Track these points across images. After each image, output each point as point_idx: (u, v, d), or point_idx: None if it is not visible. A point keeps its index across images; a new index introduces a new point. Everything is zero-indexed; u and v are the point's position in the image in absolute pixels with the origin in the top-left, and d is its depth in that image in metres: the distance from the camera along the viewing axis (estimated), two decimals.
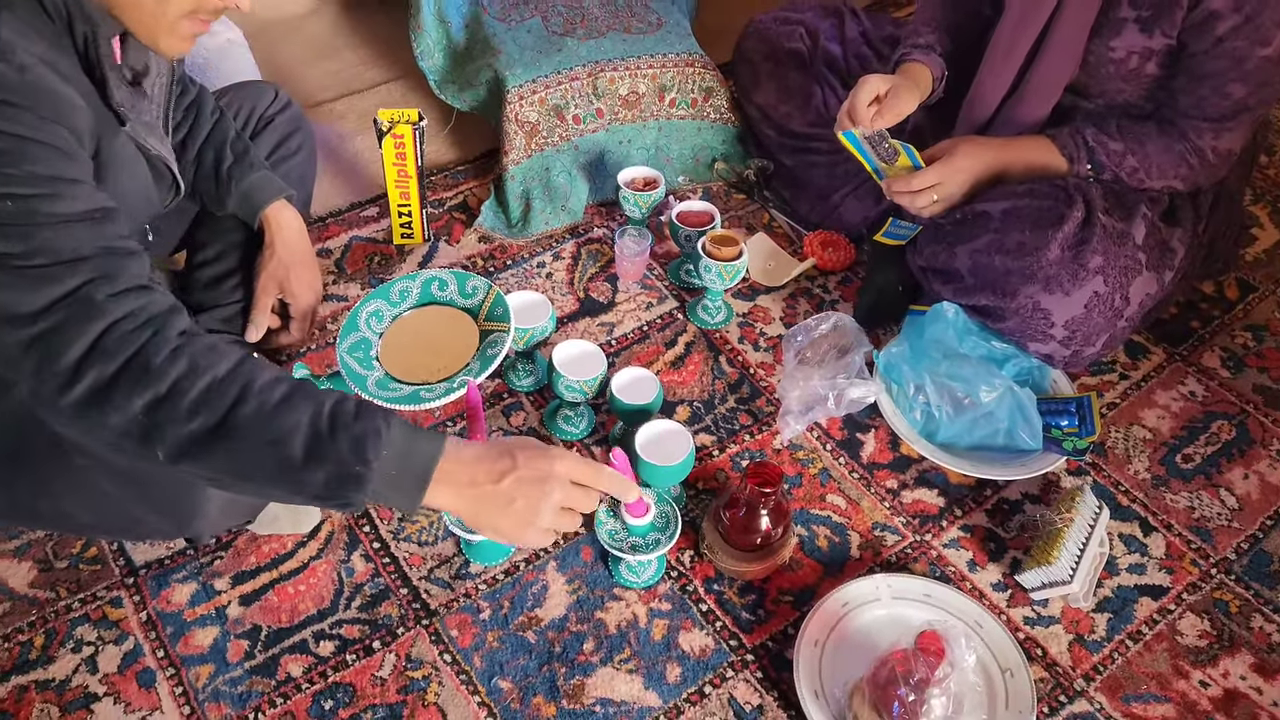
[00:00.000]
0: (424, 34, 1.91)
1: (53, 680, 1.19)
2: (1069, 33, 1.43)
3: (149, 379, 0.86)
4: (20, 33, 0.90)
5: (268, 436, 0.88)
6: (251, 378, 0.90)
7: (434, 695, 1.20)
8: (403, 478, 0.92)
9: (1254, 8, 1.31)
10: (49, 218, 0.86)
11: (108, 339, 0.86)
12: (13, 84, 0.86)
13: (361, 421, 0.90)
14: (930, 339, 1.45)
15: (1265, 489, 1.45)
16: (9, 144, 0.85)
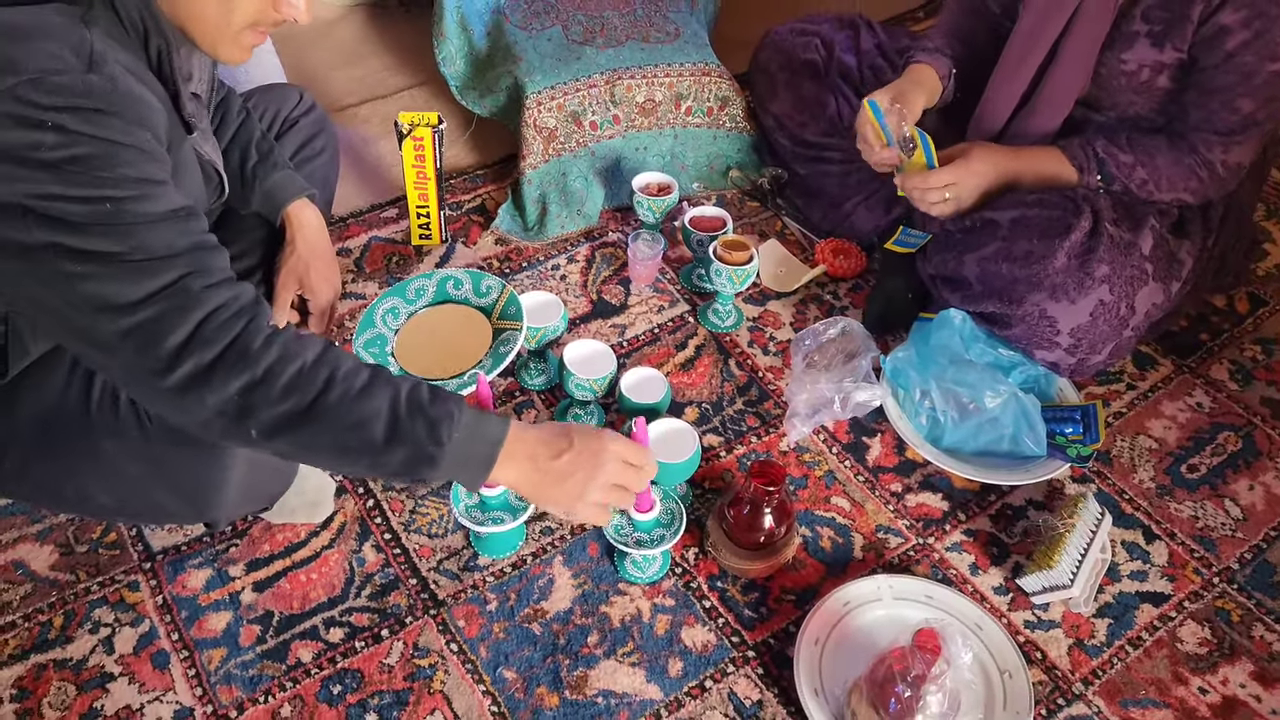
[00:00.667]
0: (446, 41, 1.95)
1: (70, 660, 1.23)
2: (1080, 46, 1.45)
3: (246, 364, 0.92)
4: (108, 45, 0.95)
5: (352, 419, 0.95)
6: (337, 364, 0.97)
7: (440, 683, 1.22)
8: (472, 456, 1.01)
9: (1263, 24, 1.33)
10: (142, 217, 0.90)
11: (207, 327, 0.92)
12: (105, 93, 0.90)
13: (436, 406, 0.98)
14: (937, 345, 1.46)
15: (1270, 500, 1.45)
16: (103, 149, 0.89)
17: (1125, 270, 1.39)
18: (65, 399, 1.12)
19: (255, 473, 1.21)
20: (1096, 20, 1.43)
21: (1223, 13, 1.34)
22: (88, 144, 0.87)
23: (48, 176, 0.86)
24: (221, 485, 1.17)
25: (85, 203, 0.87)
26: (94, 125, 0.88)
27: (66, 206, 0.87)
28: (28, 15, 0.90)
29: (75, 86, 0.88)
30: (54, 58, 0.88)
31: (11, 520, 1.35)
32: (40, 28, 0.90)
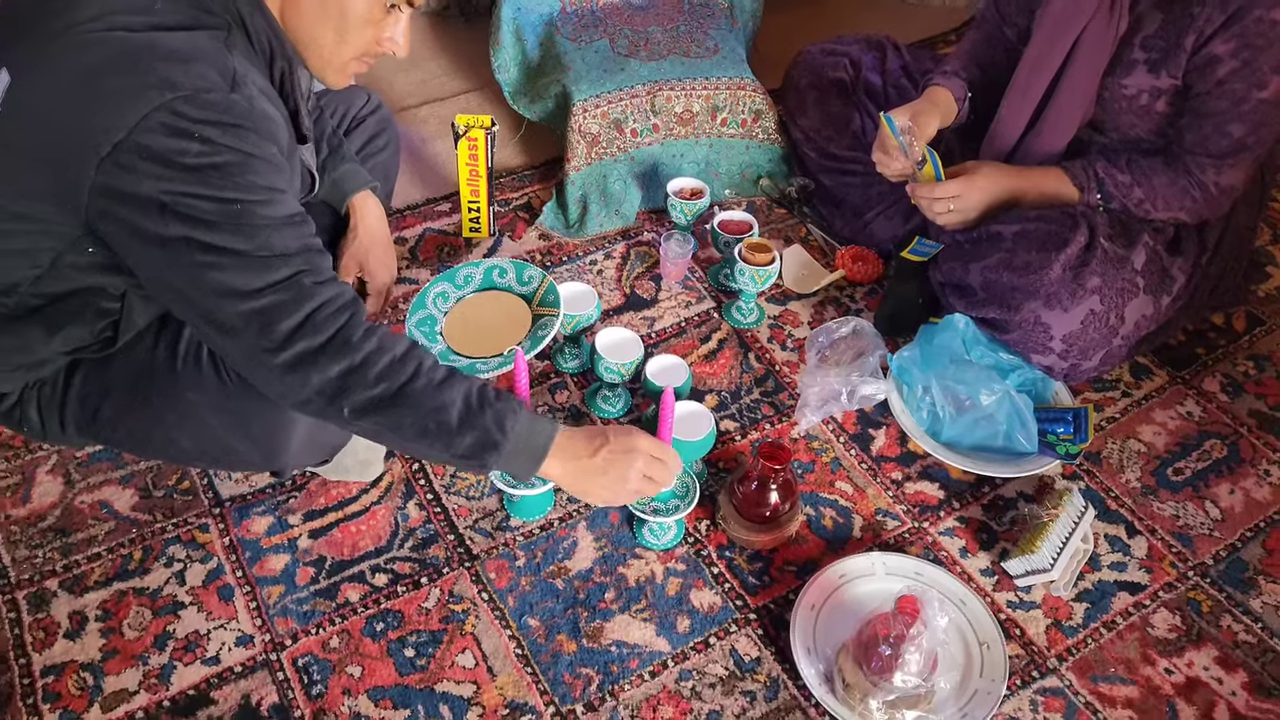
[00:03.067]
0: (502, 49, 2.10)
1: (147, 589, 1.39)
2: (1082, 74, 1.56)
3: (347, 351, 1.09)
4: (246, 67, 1.10)
5: (432, 405, 1.12)
6: (422, 359, 1.14)
7: (471, 626, 1.36)
8: (527, 449, 1.19)
9: (1250, 54, 1.43)
10: (266, 219, 1.06)
11: (317, 316, 1.08)
12: (244, 110, 1.05)
13: (501, 402, 1.17)
14: (940, 345, 1.58)
15: (1249, 504, 1.55)
16: (239, 159, 1.04)
17: (1116, 283, 1.50)
18: (154, 357, 1.28)
19: (320, 425, 1.35)
20: (1097, 48, 1.54)
21: (1213, 43, 1.45)
22: (227, 154, 1.02)
23: (189, 178, 1.01)
24: (289, 436, 1.31)
25: (219, 203, 1.02)
26: (233, 138, 1.03)
27: (202, 205, 1.02)
28: (183, 40, 1.05)
29: (221, 104, 1.03)
30: (204, 78, 1.03)
31: (99, 466, 1.52)
32: (195, 52, 1.04)
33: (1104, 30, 1.53)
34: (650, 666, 1.33)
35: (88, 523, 1.45)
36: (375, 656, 1.33)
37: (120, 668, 1.30)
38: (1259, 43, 1.43)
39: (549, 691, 1.30)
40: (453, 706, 1.28)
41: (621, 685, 1.31)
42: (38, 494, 1.48)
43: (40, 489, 1.49)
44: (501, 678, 1.31)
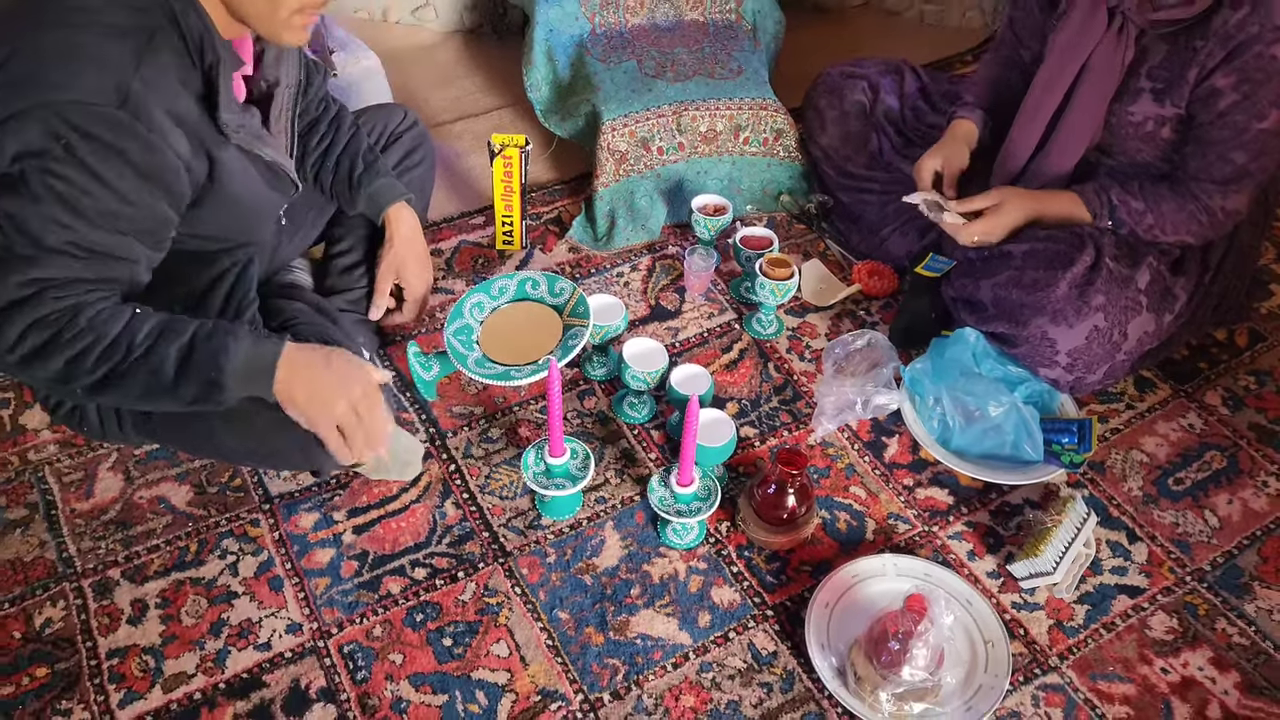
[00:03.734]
0: (534, 69, 2.20)
1: (203, 579, 1.48)
2: (1090, 98, 1.64)
3: (69, 344, 1.18)
4: (157, 77, 1.16)
5: (147, 370, 1.21)
6: (133, 334, 1.20)
7: (505, 618, 1.45)
8: (255, 374, 1.24)
9: (1251, 88, 1.51)
10: (72, 228, 1.16)
11: (48, 318, 1.17)
12: (123, 127, 1.13)
13: (213, 341, 1.23)
14: (951, 358, 1.66)
15: (1247, 514, 1.62)
16: (84, 178, 1.13)
17: (1120, 301, 1.58)
18: None
19: None
20: (1104, 74, 1.62)
21: (1215, 76, 1.52)
22: (76, 171, 1.12)
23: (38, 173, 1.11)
24: None
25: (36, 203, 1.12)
26: (96, 157, 1.12)
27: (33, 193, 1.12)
28: (93, 40, 1.12)
29: (102, 118, 1.11)
30: (96, 91, 1.11)
31: (156, 463, 1.62)
32: (97, 58, 1.12)
33: (1111, 57, 1.61)
34: (673, 658, 1.42)
35: (146, 516, 1.55)
36: (415, 645, 1.42)
37: (179, 652, 1.40)
38: (1259, 77, 1.50)
39: (578, 680, 1.39)
40: (488, 693, 1.37)
41: (646, 675, 1.40)
42: (100, 489, 1.58)
43: (102, 484, 1.59)
44: (533, 666, 1.40)
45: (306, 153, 1.60)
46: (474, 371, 1.60)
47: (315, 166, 1.62)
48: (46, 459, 1.62)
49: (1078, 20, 1.63)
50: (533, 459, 1.54)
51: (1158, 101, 1.59)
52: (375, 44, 2.34)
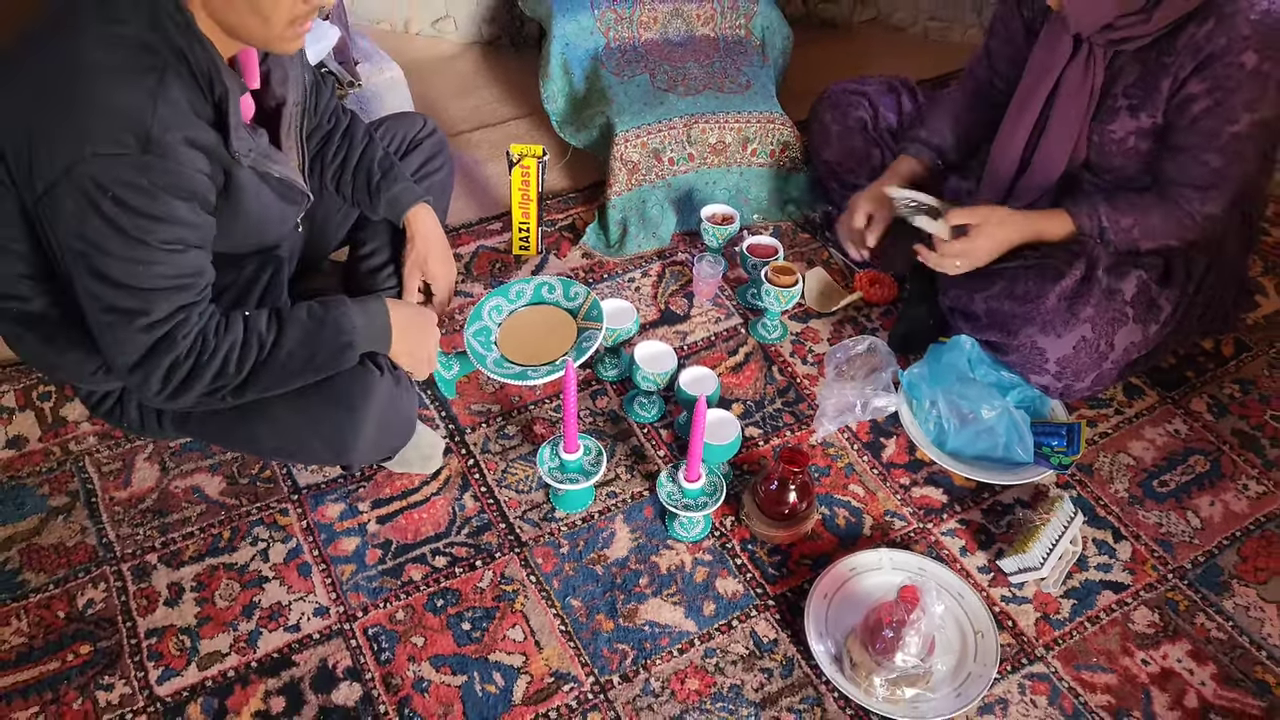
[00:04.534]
0: (550, 81, 2.28)
1: (235, 564, 1.57)
2: (1065, 118, 1.70)
3: (210, 364, 1.32)
4: (172, 109, 1.23)
5: (284, 355, 1.36)
6: (258, 331, 1.35)
7: (520, 605, 1.53)
8: (375, 333, 1.46)
9: (1223, 94, 1.57)
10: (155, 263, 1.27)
11: (182, 345, 1.31)
12: (157, 169, 1.22)
13: (329, 313, 1.41)
14: (947, 364, 1.74)
15: (1228, 515, 1.70)
16: (138, 221, 1.23)
17: (1107, 313, 1.65)
18: None
19: (382, 429, 1.53)
20: (1075, 95, 1.68)
21: (1189, 84, 1.59)
22: (130, 216, 1.21)
23: (102, 227, 1.21)
24: (357, 435, 1.49)
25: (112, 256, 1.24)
26: (143, 199, 1.21)
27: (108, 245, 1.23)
28: (103, 90, 1.20)
29: (132, 165, 1.20)
30: (118, 143, 1.19)
31: (190, 455, 1.70)
32: (114, 109, 1.19)
33: (1081, 80, 1.67)
34: (679, 644, 1.50)
35: (181, 505, 1.64)
36: (436, 629, 1.50)
37: (214, 632, 1.48)
38: (1230, 84, 1.57)
39: (589, 664, 1.47)
40: (504, 674, 1.46)
41: (653, 660, 1.48)
42: (137, 479, 1.67)
43: (139, 475, 1.67)
44: (547, 650, 1.48)
45: (325, 166, 1.67)
46: (493, 371, 1.68)
47: (335, 178, 1.69)
48: (87, 450, 1.71)
49: (1047, 42, 1.71)
50: (548, 454, 1.62)
51: (1134, 115, 1.66)
52: (397, 54, 2.43)
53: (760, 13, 2.39)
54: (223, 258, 1.44)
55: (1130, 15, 1.57)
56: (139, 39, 1.23)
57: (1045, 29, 1.74)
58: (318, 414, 1.47)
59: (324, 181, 1.70)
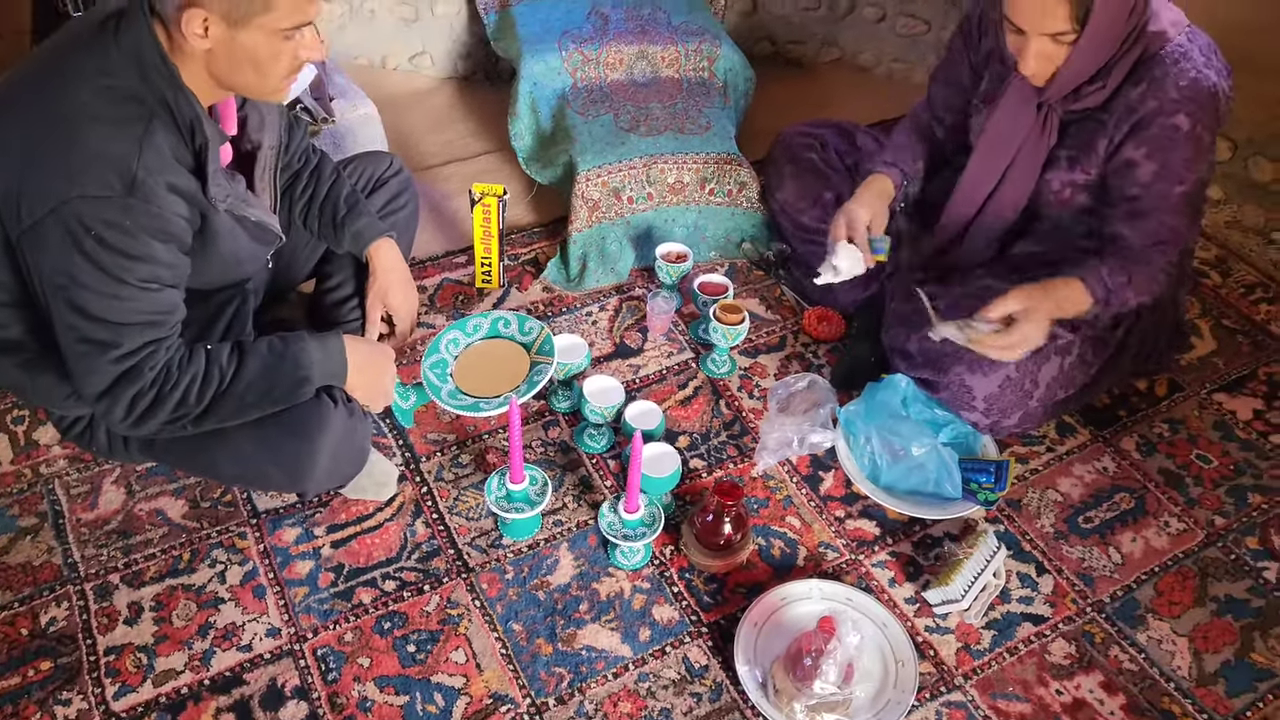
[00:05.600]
0: (518, 119, 2.37)
1: (194, 585, 1.64)
2: (1022, 171, 1.78)
3: (172, 395, 1.40)
4: (156, 161, 1.32)
5: (241, 387, 1.45)
6: (218, 364, 1.43)
7: (464, 628, 1.61)
8: (330, 370, 1.53)
9: (1164, 156, 1.64)
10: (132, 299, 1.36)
11: (147, 376, 1.40)
12: (138, 212, 1.31)
13: (288, 348, 1.49)
14: (881, 401, 1.82)
15: (1148, 551, 1.77)
16: (116, 260, 1.32)
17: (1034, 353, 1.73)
18: None
19: (337, 458, 1.60)
20: (1033, 153, 1.77)
21: (1126, 148, 1.66)
22: (111, 255, 1.30)
23: (82, 263, 1.30)
24: (313, 464, 1.57)
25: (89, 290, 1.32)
26: (123, 238, 1.30)
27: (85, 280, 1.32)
28: (95, 138, 1.29)
29: (115, 206, 1.29)
30: (105, 185, 1.28)
31: (155, 479, 1.78)
32: (102, 155, 1.28)
33: (1038, 142, 1.75)
34: (614, 669, 1.57)
35: (145, 527, 1.71)
36: (382, 650, 1.57)
37: (169, 651, 1.56)
38: (1167, 145, 1.64)
39: (527, 686, 1.54)
40: (445, 695, 1.53)
41: (589, 684, 1.55)
42: (104, 501, 1.74)
43: (106, 497, 1.75)
44: (487, 673, 1.56)
45: (293, 202, 1.76)
46: (446, 403, 1.76)
47: (302, 213, 1.78)
48: (57, 473, 1.78)
49: (1009, 114, 1.76)
50: (495, 484, 1.70)
51: (1071, 169, 1.74)
52: (374, 89, 2.52)
53: (723, 56, 2.48)
54: (193, 291, 1.52)
55: (1092, 84, 1.65)
56: (128, 90, 1.33)
57: (1006, 95, 1.77)
58: (275, 443, 1.55)
59: (292, 216, 1.78)
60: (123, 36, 1.33)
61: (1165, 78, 1.62)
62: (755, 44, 2.92)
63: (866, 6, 2.86)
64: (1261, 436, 1.98)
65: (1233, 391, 2.07)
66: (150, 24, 1.32)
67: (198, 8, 1.27)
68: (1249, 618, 1.68)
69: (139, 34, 1.32)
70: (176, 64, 1.34)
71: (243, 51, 1.32)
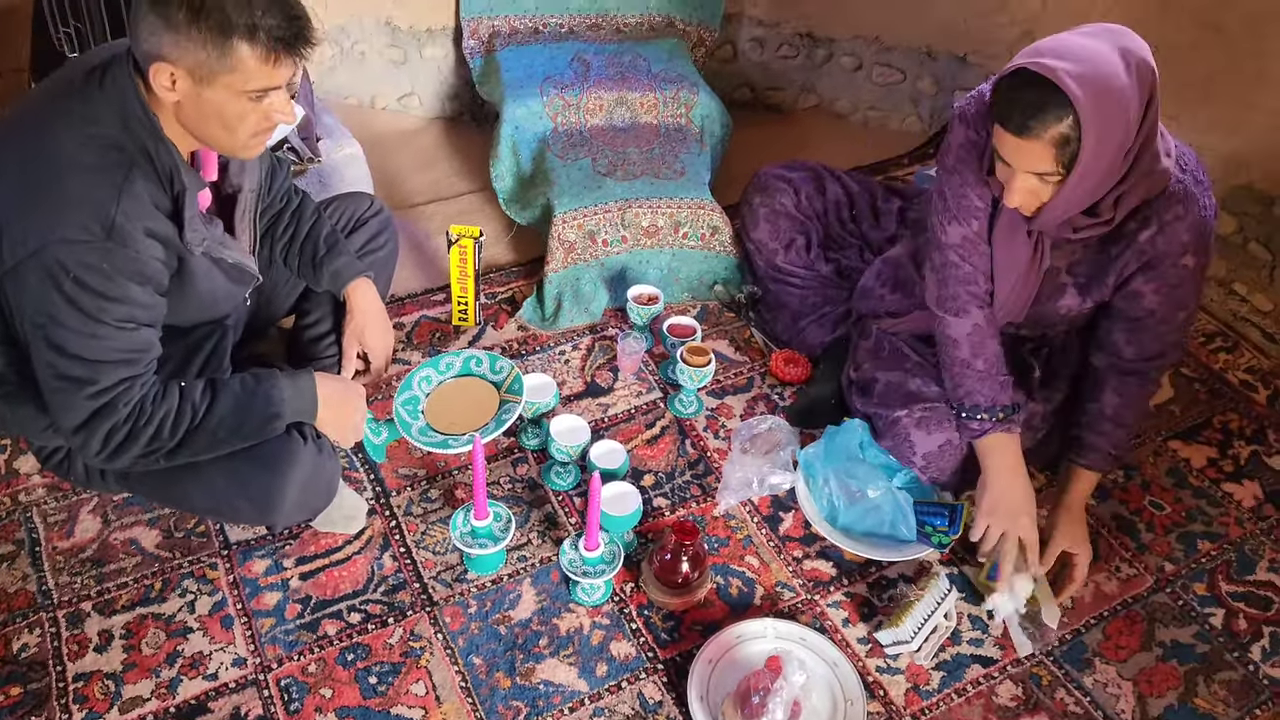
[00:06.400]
0: (500, 161, 2.44)
1: (164, 614, 1.68)
2: (1019, 296, 1.78)
3: (146, 429, 1.46)
4: (135, 203, 1.38)
5: (214, 423, 1.51)
6: (192, 400, 1.49)
7: (426, 661, 1.65)
8: (302, 407, 1.60)
9: (1169, 290, 1.67)
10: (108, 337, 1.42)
11: (122, 412, 1.46)
12: (116, 257, 1.37)
13: (260, 385, 1.55)
14: (839, 445, 1.87)
15: (1098, 596, 1.81)
16: (94, 301, 1.37)
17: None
18: None
19: (305, 493, 1.65)
20: (1026, 279, 1.74)
21: (1135, 281, 1.69)
22: (90, 296, 1.36)
23: (61, 303, 1.36)
24: (282, 498, 1.61)
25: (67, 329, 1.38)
26: (100, 280, 1.36)
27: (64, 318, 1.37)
28: (76, 184, 1.35)
29: (94, 250, 1.35)
30: (84, 229, 1.34)
31: (131, 509, 1.83)
32: (84, 200, 1.35)
33: (1029, 270, 1.73)
34: (570, 703, 1.61)
35: (119, 556, 1.76)
36: (345, 682, 1.61)
37: (137, 678, 1.60)
38: (1175, 281, 1.67)
39: (484, 718, 1.58)
40: None
41: (545, 717, 1.59)
42: (80, 530, 1.79)
43: (82, 526, 1.80)
44: (446, 705, 1.59)
45: (274, 241, 1.82)
46: (416, 439, 1.81)
47: (283, 252, 1.84)
48: (35, 501, 1.83)
49: (1003, 241, 1.72)
50: (461, 520, 1.74)
51: (1081, 295, 1.75)
52: (362, 128, 2.59)
53: (700, 103, 2.55)
54: (172, 328, 1.58)
55: (1089, 217, 1.61)
56: (111, 139, 1.39)
57: (1000, 224, 1.72)
58: (245, 477, 1.60)
59: (273, 255, 1.84)
60: (108, 87, 1.40)
61: (1176, 221, 1.62)
62: (735, 90, 3.00)
63: (843, 56, 2.94)
64: (1213, 484, 2.02)
65: (1188, 439, 2.11)
66: (133, 76, 1.39)
67: (165, 62, 1.33)
68: (1194, 663, 1.72)
69: (123, 85, 1.39)
70: (157, 114, 1.41)
71: (209, 108, 1.37)
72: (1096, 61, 1.44)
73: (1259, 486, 2.02)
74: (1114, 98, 1.45)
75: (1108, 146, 1.47)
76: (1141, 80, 1.47)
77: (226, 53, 1.32)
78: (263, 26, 1.32)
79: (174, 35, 1.31)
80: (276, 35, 1.33)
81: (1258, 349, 2.34)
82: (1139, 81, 1.47)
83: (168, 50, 1.32)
